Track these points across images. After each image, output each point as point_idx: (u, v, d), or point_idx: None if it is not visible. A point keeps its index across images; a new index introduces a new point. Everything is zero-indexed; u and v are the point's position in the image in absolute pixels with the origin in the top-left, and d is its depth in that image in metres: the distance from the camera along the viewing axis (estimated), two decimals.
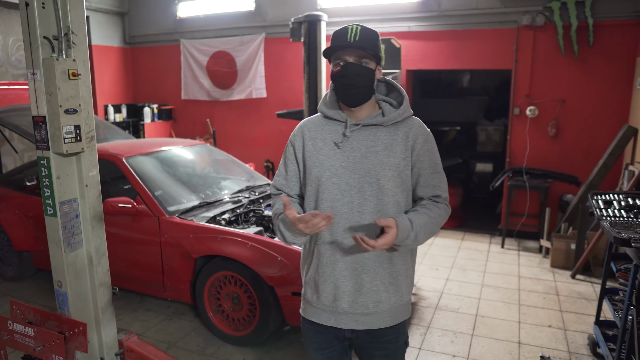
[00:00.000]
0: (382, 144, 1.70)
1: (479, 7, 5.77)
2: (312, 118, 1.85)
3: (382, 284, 1.72)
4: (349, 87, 1.66)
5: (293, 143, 1.82)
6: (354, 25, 1.66)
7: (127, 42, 8.06)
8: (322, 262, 1.75)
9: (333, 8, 6.42)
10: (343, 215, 1.70)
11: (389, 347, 1.82)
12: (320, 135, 1.76)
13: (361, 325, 1.76)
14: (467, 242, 5.86)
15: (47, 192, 2.33)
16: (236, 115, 7.51)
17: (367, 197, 1.68)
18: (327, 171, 1.71)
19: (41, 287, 4.45)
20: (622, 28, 5.24)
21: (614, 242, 2.60)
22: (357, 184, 1.69)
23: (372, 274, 1.71)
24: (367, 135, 1.72)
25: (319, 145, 1.75)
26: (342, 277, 1.72)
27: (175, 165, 4.38)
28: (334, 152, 1.72)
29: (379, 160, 1.69)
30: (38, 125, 2.28)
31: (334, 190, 1.70)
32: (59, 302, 2.47)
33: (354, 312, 1.74)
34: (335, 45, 1.66)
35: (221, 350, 3.38)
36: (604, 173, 5.22)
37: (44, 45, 2.20)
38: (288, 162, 1.83)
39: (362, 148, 1.70)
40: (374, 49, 1.67)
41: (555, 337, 3.56)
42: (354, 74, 1.65)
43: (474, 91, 8.64)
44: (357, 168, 1.69)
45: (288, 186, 1.84)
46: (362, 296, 1.72)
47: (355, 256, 1.71)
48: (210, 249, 3.35)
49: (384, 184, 1.68)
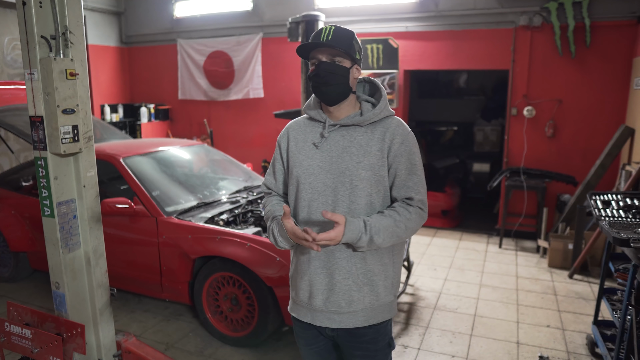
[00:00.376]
0: (358, 144, 1.72)
1: (477, 8, 5.78)
2: (299, 119, 1.89)
3: (355, 284, 1.73)
4: (322, 85, 1.69)
5: (279, 143, 1.88)
6: (328, 26, 1.70)
7: (124, 42, 8.02)
8: (299, 260, 1.81)
9: (331, 8, 6.41)
10: (318, 214, 1.74)
11: (369, 347, 1.82)
12: (303, 135, 1.81)
13: (335, 323, 1.78)
14: (465, 242, 5.86)
15: (44, 193, 2.31)
16: (233, 116, 7.49)
17: (340, 197, 1.72)
18: (306, 171, 1.75)
19: (38, 288, 4.42)
20: (619, 29, 5.26)
21: (613, 242, 2.60)
22: (332, 183, 1.72)
23: (344, 273, 1.73)
24: (345, 135, 1.74)
25: (300, 145, 1.80)
26: (316, 275, 1.76)
27: (173, 165, 4.37)
28: (313, 152, 1.76)
29: (353, 160, 1.71)
30: (35, 125, 2.26)
31: (311, 190, 1.75)
32: (57, 304, 2.45)
33: (327, 311, 1.77)
34: (307, 44, 1.69)
35: (220, 351, 3.37)
36: (601, 173, 5.24)
37: (41, 44, 2.18)
38: (276, 162, 1.90)
39: (339, 148, 1.73)
40: (346, 47, 1.68)
41: (553, 337, 3.56)
42: (327, 72, 1.68)
43: (471, 91, 8.66)
44: (332, 168, 1.73)
45: (277, 185, 1.91)
46: (335, 295, 1.74)
47: (328, 255, 1.74)
48: (208, 250, 3.33)
49: (357, 184, 1.70)
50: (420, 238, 5.98)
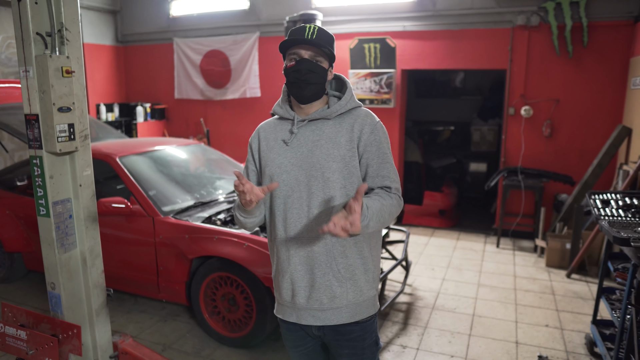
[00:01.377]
0: (327, 137, 1.72)
1: (474, 7, 5.77)
2: (269, 120, 1.90)
3: (336, 279, 1.72)
4: (301, 82, 1.69)
5: (251, 145, 1.88)
6: (312, 25, 1.70)
7: (120, 41, 7.98)
8: (279, 258, 1.80)
9: (328, 7, 6.38)
10: (294, 210, 1.74)
11: (356, 345, 1.81)
12: (273, 134, 1.82)
13: (319, 321, 1.76)
14: (463, 242, 5.86)
15: (39, 192, 2.28)
16: (230, 115, 7.46)
17: (314, 191, 1.71)
18: (278, 169, 1.75)
19: (33, 288, 4.38)
20: (616, 28, 5.27)
21: (613, 242, 2.59)
22: (305, 178, 1.72)
23: (324, 268, 1.72)
24: (314, 130, 1.75)
25: (271, 144, 1.80)
26: (297, 272, 1.75)
27: (169, 164, 4.34)
28: (284, 149, 1.76)
29: (323, 153, 1.71)
30: (30, 123, 2.23)
31: (285, 187, 1.74)
32: (52, 304, 2.42)
33: (310, 308, 1.76)
34: (293, 39, 1.68)
35: (217, 352, 3.34)
36: (599, 173, 5.25)
37: (36, 41, 2.15)
38: (248, 164, 1.90)
39: (309, 143, 1.74)
40: (329, 48, 1.71)
41: (552, 336, 3.56)
42: (307, 70, 1.68)
43: (469, 91, 8.66)
44: (304, 163, 1.72)
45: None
46: (316, 292, 1.73)
47: (308, 251, 1.73)
48: (206, 250, 3.31)
49: (329, 177, 1.69)
50: (418, 238, 5.97)
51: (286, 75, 1.73)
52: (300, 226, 1.73)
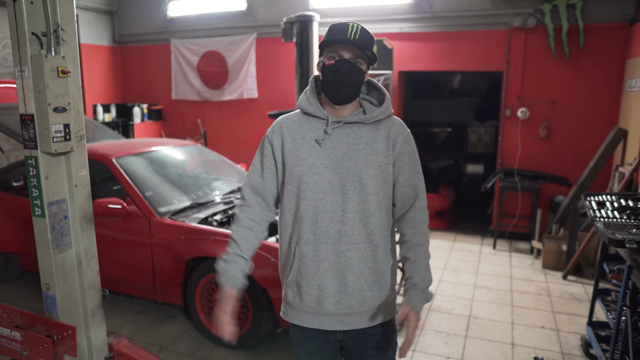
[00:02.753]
0: (364, 141, 1.69)
1: (471, 9, 5.79)
2: (291, 115, 1.80)
3: (367, 284, 1.70)
4: (339, 82, 1.63)
5: (271, 140, 1.77)
6: (355, 24, 1.64)
7: (117, 41, 7.96)
8: (304, 263, 1.71)
9: (325, 9, 6.40)
10: (326, 214, 1.67)
11: (380, 346, 1.80)
12: (300, 132, 1.73)
13: (346, 325, 1.74)
14: (459, 244, 5.86)
15: (35, 193, 2.27)
16: (227, 116, 7.46)
17: (350, 196, 1.67)
18: (309, 169, 1.68)
19: (28, 289, 4.36)
20: (612, 31, 5.29)
21: (609, 243, 2.60)
22: (340, 182, 1.67)
23: (357, 273, 1.68)
24: (349, 133, 1.70)
25: (298, 142, 1.71)
26: (326, 277, 1.69)
27: (166, 165, 4.33)
28: (315, 149, 1.69)
29: (361, 158, 1.67)
30: (26, 123, 2.22)
31: (316, 189, 1.68)
32: (47, 305, 2.41)
33: (338, 313, 1.72)
34: (335, 39, 1.62)
35: (213, 354, 3.33)
36: (595, 174, 5.26)
37: (32, 41, 2.15)
38: (265, 160, 1.78)
39: (344, 146, 1.68)
40: (371, 50, 1.67)
41: (548, 338, 3.56)
42: (347, 72, 1.62)
43: (465, 93, 8.68)
44: (339, 166, 1.67)
45: (264, 185, 1.79)
46: (347, 297, 1.69)
47: (339, 256, 1.68)
48: (202, 251, 3.30)
49: (366, 183, 1.66)
50: None
51: (323, 73, 1.67)
52: (333, 231, 1.67)
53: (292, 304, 1.78)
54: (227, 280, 1.71)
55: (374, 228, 1.70)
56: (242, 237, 1.78)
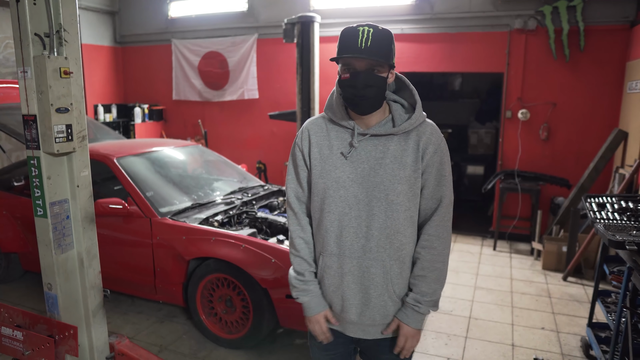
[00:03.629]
0: (392, 155, 1.61)
1: (472, 11, 5.80)
2: (318, 120, 1.74)
3: (390, 299, 1.68)
4: (357, 98, 1.55)
5: (301, 148, 1.73)
6: (365, 28, 1.51)
7: (118, 42, 7.97)
8: (328, 273, 1.71)
9: (326, 9, 6.41)
10: (351, 229, 1.64)
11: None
12: (327, 141, 1.68)
13: (369, 335, 1.74)
14: (459, 245, 5.87)
15: (37, 193, 2.28)
16: (228, 116, 7.47)
17: (375, 213, 1.61)
18: (335, 183, 1.64)
19: (29, 289, 4.37)
20: (612, 33, 5.30)
21: (609, 245, 2.60)
22: (365, 197, 1.62)
23: (380, 289, 1.66)
24: (376, 145, 1.62)
25: (325, 153, 1.67)
26: (349, 290, 1.68)
27: (167, 166, 4.33)
28: (341, 162, 1.64)
29: (388, 174, 1.60)
30: (28, 124, 2.23)
31: (342, 203, 1.64)
32: (49, 305, 2.42)
33: (361, 323, 1.72)
34: (346, 49, 1.52)
35: (214, 354, 3.34)
36: (595, 176, 5.27)
37: (34, 42, 2.15)
38: (299, 170, 1.75)
39: (371, 160, 1.61)
40: (386, 57, 1.53)
41: (548, 339, 3.57)
42: (364, 85, 1.53)
43: (466, 94, 8.68)
44: (365, 181, 1.61)
45: (305, 195, 1.78)
46: (370, 310, 1.68)
47: (363, 271, 1.65)
48: (203, 251, 3.31)
49: (393, 199, 1.60)
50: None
51: (340, 87, 1.58)
52: (358, 246, 1.64)
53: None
54: (314, 305, 1.76)
55: (401, 245, 1.65)
56: (306, 254, 1.78)
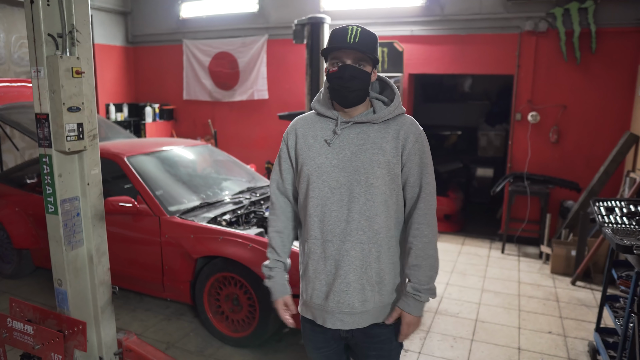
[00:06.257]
0: (372, 141, 1.70)
1: (482, 12, 5.78)
2: (305, 115, 1.86)
3: (369, 283, 1.72)
4: (344, 89, 1.66)
5: (286, 141, 1.84)
6: (354, 26, 1.66)
7: (130, 42, 8.06)
8: (312, 259, 1.77)
9: (336, 11, 6.42)
10: (333, 213, 1.72)
11: (384, 347, 1.81)
12: (312, 132, 1.78)
13: (347, 325, 1.76)
14: (467, 247, 5.85)
15: (48, 190, 2.32)
16: (237, 116, 7.51)
17: (356, 195, 1.69)
18: (318, 169, 1.73)
19: (40, 285, 4.43)
20: (624, 35, 5.25)
21: (616, 249, 2.59)
22: (347, 182, 1.70)
23: (359, 272, 1.71)
24: (358, 132, 1.72)
25: (310, 142, 1.76)
26: (331, 274, 1.74)
27: (177, 165, 4.38)
28: (325, 149, 1.73)
29: (368, 158, 1.68)
30: (41, 122, 2.27)
31: (324, 188, 1.72)
32: (59, 301, 2.46)
33: (340, 312, 1.74)
34: (334, 46, 1.66)
35: (220, 352, 3.36)
36: (605, 180, 5.22)
37: (48, 42, 2.20)
38: (282, 162, 1.86)
39: (352, 146, 1.71)
40: (372, 52, 1.67)
41: (555, 343, 3.55)
42: (350, 77, 1.65)
43: (476, 96, 8.64)
44: (346, 166, 1.70)
45: (284, 186, 1.88)
46: (349, 295, 1.72)
47: (343, 255, 1.71)
48: (210, 250, 3.34)
49: (372, 182, 1.68)
50: None
51: (329, 80, 1.71)
52: (339, 230, 1.71)
53: (304, 298, 1.84)
54: (275, 291, 1.88)
55: (379, 228, 1.71)
56: (277, 243, 1.89)
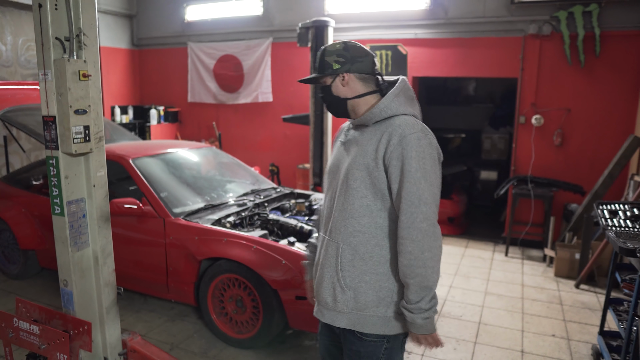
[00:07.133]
0: (360, 143, 1.72)
1: (486, 15, 5.79)
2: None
3: (339, 285, 1.73)
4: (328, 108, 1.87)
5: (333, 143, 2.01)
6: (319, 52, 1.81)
7: (135, 45, 8.12)
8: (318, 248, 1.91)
9: (340, 14, 6.45)
10: (325, 211, 1.86)
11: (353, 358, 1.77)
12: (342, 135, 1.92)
13: (325, 318, 1.81)
14: (471, 250, 5.84)
15: (55, 192, 2.35)
16: (242, 119, 7.54)
17: (337, 196, 1.76)
18: (327, 169, 1.89)
19: (46, 285, 4.46)
20: (628, 38, 5.25)
21: (620, 252, 2.59)
22: (335, 182, 1.80)
23: (332, 271, 1.75)
24: (356, 135, 1.78)
25: (335, 144, 1.92)
26: (318, 266, 1.85)
27: (181, 167, 4.40)
28: (337, 151, 1.87)
29: (351, 160, 1.72)
30: (48, 125, 2.29)
31: (326, 188, 1.89)
32: (64, 301, 2.48)
33: (319, 303, 1.84)
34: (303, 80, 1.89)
35: (224, 353, 3.38)
36: (609, 183, 5.21)
37: (55, 46, 2.22)
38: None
39: (349, 148, 1.78)
40: (320, 70, 1.78)
41: (558, 346, 3.54)
42: (321, 97, 1.85)
43: (480, 99, 8.65)
44: (337, 167, 1.80)
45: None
46: (322, 290, 1.79)
47: (325, 249, 1.79)
48: (214, 252, 3.36)
49: (351, 184, 1.69)
50: None
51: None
52: (327, 227, 1.81)
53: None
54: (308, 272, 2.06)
55: (354, 231, 1.68)
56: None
